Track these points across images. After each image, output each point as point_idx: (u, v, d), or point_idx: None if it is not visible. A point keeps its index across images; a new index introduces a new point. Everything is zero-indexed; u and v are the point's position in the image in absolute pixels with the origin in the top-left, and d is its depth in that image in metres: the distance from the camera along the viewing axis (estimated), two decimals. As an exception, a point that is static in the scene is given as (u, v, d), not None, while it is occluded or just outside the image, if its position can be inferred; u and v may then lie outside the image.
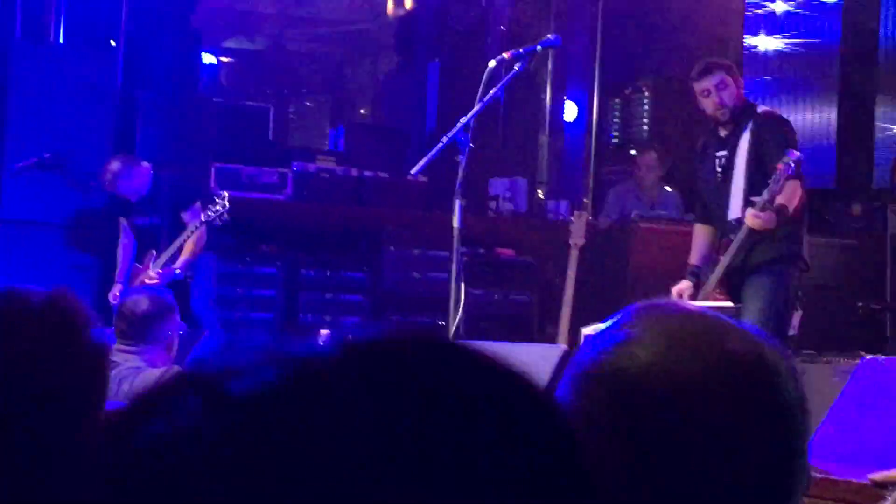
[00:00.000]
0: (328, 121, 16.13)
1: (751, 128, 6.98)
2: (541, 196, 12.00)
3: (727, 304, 6.47)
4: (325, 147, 13.21)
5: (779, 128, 7.03)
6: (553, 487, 0.66)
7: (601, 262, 9.16)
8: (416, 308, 9.94)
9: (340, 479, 0.61)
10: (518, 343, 6.05)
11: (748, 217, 6.64)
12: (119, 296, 8.25)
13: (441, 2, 11.89)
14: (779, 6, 11.58)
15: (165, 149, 9.57)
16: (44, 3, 10.09)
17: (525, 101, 11.85)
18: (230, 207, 8.22)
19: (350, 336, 0.70)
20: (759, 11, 11.64)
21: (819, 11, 11.34)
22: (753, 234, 6.73)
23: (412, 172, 6.59)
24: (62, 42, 10.17)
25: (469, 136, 6.02)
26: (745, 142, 6.97)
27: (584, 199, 11.73)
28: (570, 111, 12.55)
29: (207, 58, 14.53)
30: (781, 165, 6.56)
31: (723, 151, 7.07)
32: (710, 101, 7.03)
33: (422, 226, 10.13)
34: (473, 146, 6.07)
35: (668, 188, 10.47)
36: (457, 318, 6.04)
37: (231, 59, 17.89)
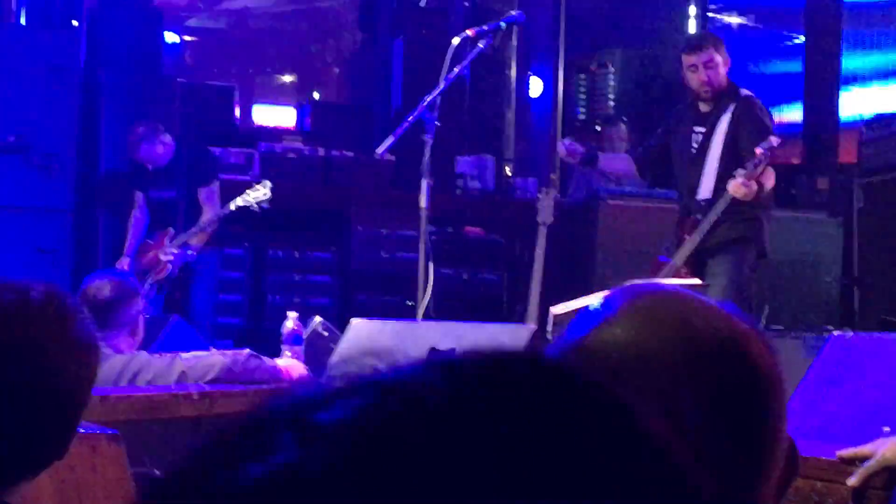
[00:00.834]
0: (294, 100, 16.07)
1: (732, 110, 6.97)
2: (508, 174, 11.99)
3: (695, 282, 6.48)
4: (291, 127, 13.15)
5: (759, 115, 7.01)
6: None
7: (570, 240, 9.16)
8: (385, 288, 9.92)
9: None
10: (487, 323, 6.04)
11: (733, 186, 6.63)
12: (127, 270, 8.26)
13: (405, -21, 11.85)
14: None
15: (130, 129, 9.50)
16: (4, -15, 10.02)
17: (490, 78, 11.83)
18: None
19: (431, 355, 0.67)
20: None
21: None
22: (726, 211, 6.75)
23: (378, 152, 6.58)
24: (24, 23, 10.10)
25: (435, 115, 6.02)
26: (725, 123, 6.97)
27: (552, 176, 11.72)
28: (536, 87, 12.54)
29: (170, 37, 14.44)
30: (760, 151, 6.56)
31: (701, 128, 7.06)
32: (696, 77, 7.02)
33: (389, 205, 10.11)
34: (439, 124, 6.07)
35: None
36: (426, 298, 6.04)
37: (194, 38, 17.79)
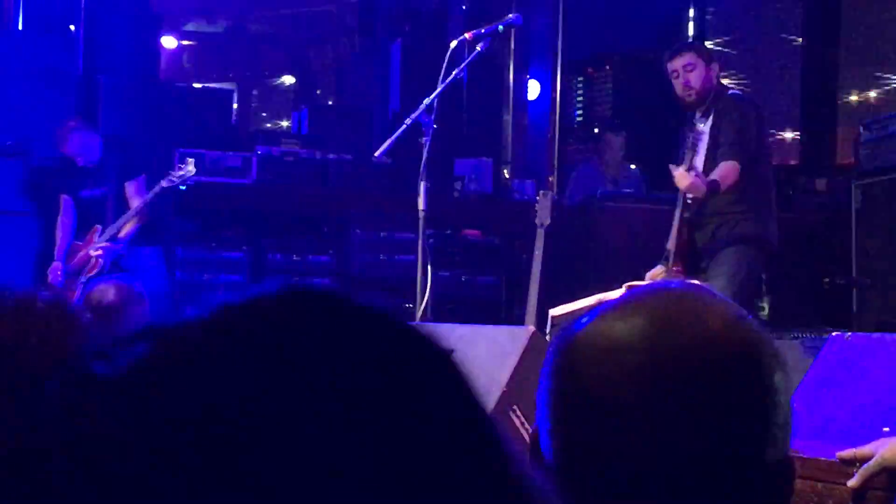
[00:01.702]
0: (291, 103, 16.07)
1: (714, 112, 6.98)
2: (506, 176, 12.00)
3: (694, 281, 6.48)
4: (289, 130, 13.16)
5: (734, 110, 6.99)
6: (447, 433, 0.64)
7: (568, 242, 9.16)
8: (384, 290, 9.91)
9: (212, 453, 0.59)
10: (486, 325, 6.04)
11: (677, 176, 6.71)
12: (60, 274, 8.25)
13: (402, -18, 11.85)
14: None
15: (127, 134, 9.50)
16: (2, -11, 10.02)
17: (488, 81, 11.83)
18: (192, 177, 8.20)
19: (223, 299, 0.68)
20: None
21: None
22: (724, 211, 6.77)
23: (376, 154, 6.57)
24: (21, 28, 10.10)
25: (432, 118, 6.02)
26: (708, 127, 6.97)
27: (550, 179, 11.73)
28: (534, 90, 12.54)
29: (168, 41, 14.44)
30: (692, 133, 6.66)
31: (691, 134, 7.07)
32: (678, 83, 7.02)
33: (387, 208, 10.11)
34: (437, 127, 6.07)
35: (632, 166, 10.48)
36: (424, 300, 6.04)
37: (192, 42, 17.81)
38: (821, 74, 11.26)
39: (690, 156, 6.97)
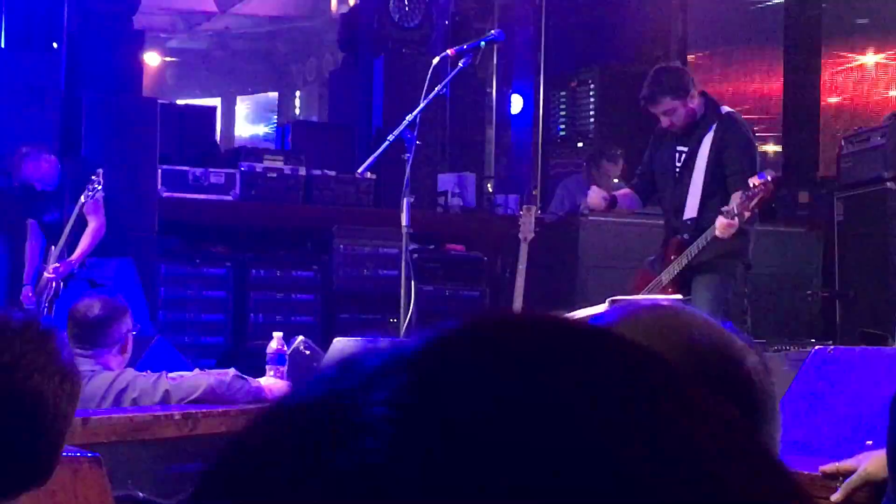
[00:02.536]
0: (274, 119, 16.08)
1: (714, 129, 6.92)
2: (489, 190, 12.02)
3: (677, 297, 6.49)
4: (272, 146, 13.16)
5: (741, 135, 6.98)
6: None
7: (551, 256, 9.18)
8: (368, 306, 9.92)
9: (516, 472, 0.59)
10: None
11: (721, 227, 6.61)
12: (31, 296, 8.24)
13: (384, -2, 11.87)
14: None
15: (111, 151, 9.50)
16: (-16, 7, 10.01)
17: (471, 96, 11.86)
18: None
19: (442, 324, 0.68)
20: None
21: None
22: (716, 239, 6.76)
23: (360, 170, 6.59)
24: (3, 46, 10.09)
25: (415, 133, 6.03)
26: (707, 144, 6.92)
27: (533, 192, 11.75)
28: (516, 104, 12.58)
29: (151, 57, 14.44)
30: (758, 182, 6.57)
31: (683, 147, 7.03)
32: (663, 122, 7.02)
33: (371, 223, 10.13)
34: (420, 143, 6.09)
35: (616, 180, 10.49)
36: (408, 315, 6.05)
37: (175, 59, 17.82)
38: (803, 84, 11.29)
39: (679, 175, 6.97)
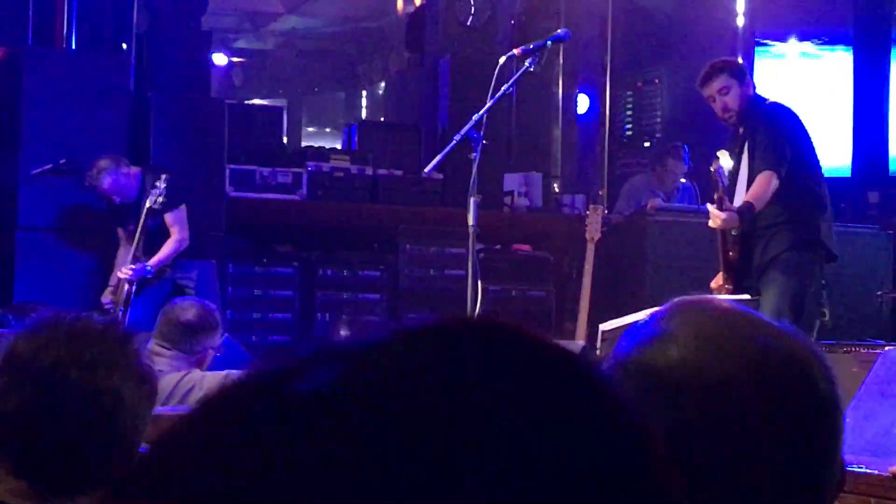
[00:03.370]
0: (341, 119, 16.13)
1: (747, 126, 6.91)
2: (556, 190, 12.00)
3: (744, 297, 6.44)
4: (339, 146, 13.20)
5: (763, 119, 6.91)
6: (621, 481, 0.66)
7: (618, 256, 9.14)
8: (434, 306, 9.93)
9: (416, 471, 0.60)
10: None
11: (712, 217, 6.62)
12: (108, 302, 8.32)
13: (451, -2, 11.88)
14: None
15: (179, 151, 9.57)
16: (55, 9, 10.10)
17: (537, 95, 11.84)
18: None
19: (390, 326, 0.69)
20: None
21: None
22: (776, 235, 6.70)
23: (426, 170, 6.59)
24: (74, 47, 10.19)
25: (481, 133, 6.02)
26: (749, 141, 6.90)
27: (599, 192, 11.72)
28: (583, 104, 12.54)
29: (219, 58, 14.55)
30: (713, 168, 6.56)
31: (737, 148, 7.01)
32: (716, 107, 6.96)
33: (437, 223, 10.13)
34: (486, 142, 6.08)
35: (684, 179, 10.44)
36: (475, 315, 6.04)
37: (243, 60, 17.93)
38: (872, 83, 11.18)
39: (732, 177, 6.92)
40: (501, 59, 6.17)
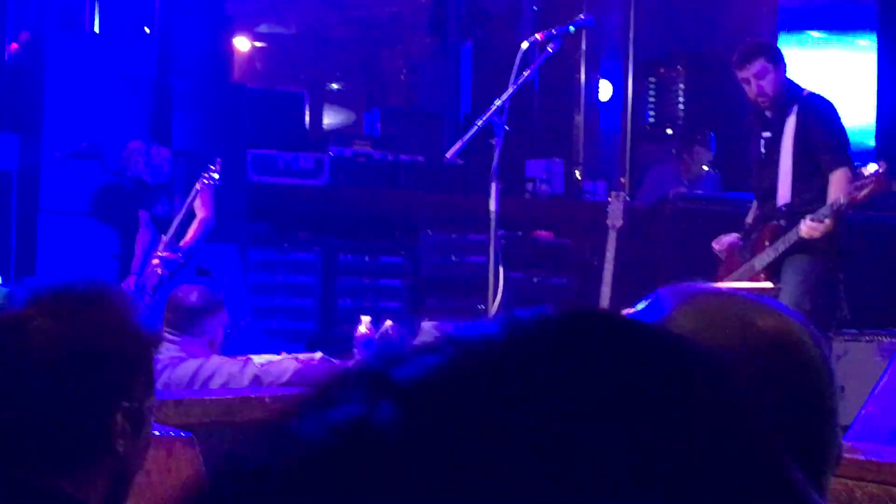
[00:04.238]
0: (363, 105, 16.10)
1: (796, 111, 6.86)
2: (577, 177, 11.97)
3: (768, 286, 6.43)
4: (361, 131, 13.20)
5: (825, 113, 6.91)
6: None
7: (640, 243, 9.12)
8: (455, 292, 9.93)
9: (518, 466, 0.59)
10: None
11: (807, 229, 6.56)
12: (132, 286, 8.33)
13: (473, -17, 11.87)
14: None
15: (201, 136, 9.58)
16: (78, -7, 10.13)
17: (559, 82, 11.82)
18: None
19: (508, 314, 0.68)
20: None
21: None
22: (801, 213, 6.68)
23: (448, 156, 6.58)
24: (97, 31, 10.20)
25: (504, 119, 6.00)
26: (791, 126, 6.86)
27: (622, 179, 11.69)
28: (605, 91, 12.51)
29: (241, 43, 14.53)
30: (870, 173, 6.51)
31: (767, 133, 6.98)
32: (750, 90, 6.93)
33: (459, 209, 10.12)
34: (508, 128, 6.06)
35: (706, 167, 10.41)
36: (496, 302, 6.03)
37: (265, 45, 17.90)
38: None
39: (766, 161, 6.90)
40: (524, 45, 6.14)
